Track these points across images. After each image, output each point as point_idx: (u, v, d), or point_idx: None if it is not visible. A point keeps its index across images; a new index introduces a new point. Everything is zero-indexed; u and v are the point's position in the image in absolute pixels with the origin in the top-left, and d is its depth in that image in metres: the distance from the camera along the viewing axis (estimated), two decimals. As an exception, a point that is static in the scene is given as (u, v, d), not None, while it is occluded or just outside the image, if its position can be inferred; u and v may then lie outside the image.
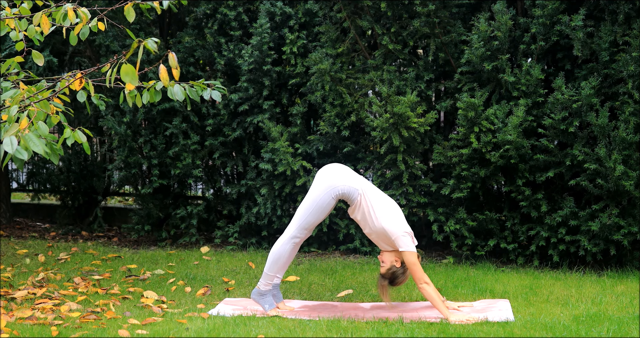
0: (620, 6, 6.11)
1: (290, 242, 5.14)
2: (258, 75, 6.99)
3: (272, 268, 5.20)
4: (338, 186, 5.03)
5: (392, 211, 5.05)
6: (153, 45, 3.92)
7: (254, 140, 7.31)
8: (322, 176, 5.12)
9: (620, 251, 6.24)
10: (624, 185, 5.93)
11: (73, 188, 8.05)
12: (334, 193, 5.04)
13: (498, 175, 6.36)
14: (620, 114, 6.06)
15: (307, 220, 5.09)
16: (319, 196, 5.06)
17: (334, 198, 5.04)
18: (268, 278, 5.22)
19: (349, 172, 5.16)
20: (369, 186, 5.10)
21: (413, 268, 4.95)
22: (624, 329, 4.60)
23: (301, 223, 5.11)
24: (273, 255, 5.18)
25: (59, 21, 4.13)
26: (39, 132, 3.66)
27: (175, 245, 7.37)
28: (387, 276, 5.09)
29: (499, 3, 6.28)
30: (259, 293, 5.22)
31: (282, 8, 6.99)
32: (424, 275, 4.95)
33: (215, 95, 4.28)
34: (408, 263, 4.97)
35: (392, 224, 4.98)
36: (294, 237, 5.13)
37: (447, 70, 6.72)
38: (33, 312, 4.97)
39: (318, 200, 5.06)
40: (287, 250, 5.15)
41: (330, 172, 5.14)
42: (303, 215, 5.10)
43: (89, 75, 4.26)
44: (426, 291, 4.92)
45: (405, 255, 4.97)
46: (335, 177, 5.07)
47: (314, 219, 5.09)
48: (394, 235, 4.96)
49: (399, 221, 5.02)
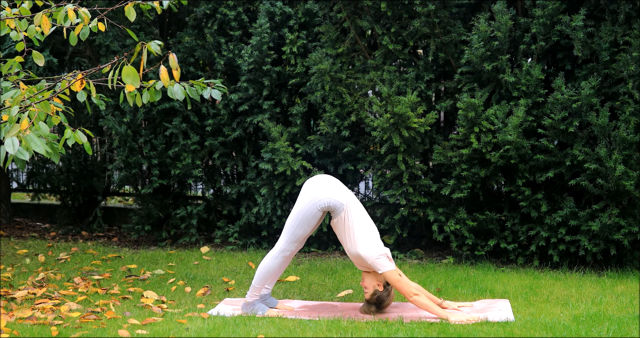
0: (620, 6, 6.11)
1: (280, 256, 5.07)
2: (258, 75, 6.99)
3: (261, 281, 5.12)
4: (323, 199, 4.97)
5: (369, 233, 5.01)
6: (156, 48, 3.92)
7: (254, 140, 7.31)
8: (308, 188, 5.06)
9: (620, 251, 6.24)
10: (624, 185, 5.93)
11: (73, 188, 8.05)
12: (319, 205, 4.97)
13: (498, 176, 6.36)
14: (620, 113, 6.06)
15: (294, 232, 5.03)
16: (305, 208, 5.00)
17: (319, 210, 4.98)
18: (255, 291, 5.14)
19: (335, 185, 5.08)
20: (353, 202, 5.04)
21: (398, 285, 4.93)
22: (624, 329, 4.60)
23: (289, 236, 5.04)
24: (262, 269, 5.10)
25: (59, 21, 4.13)
26: (40, 132, 3.66)
27: (175, 245, 7.37)
28: (373, 301, 5.06)
29: (499, 3, 6.28)
30: (246, 305, 5.15)
31: (281, 8, 6.99)
32: (411, 288, 4.94)
33: (215, 94, 4.27)
34: (392, 282, 4.95)
35: (367, 249, 4.95)
36: (284, 250, 5.07)
37: (447, 70, 6.72)
38: (33, 312, 4.97)
39: (304, 212, 4.99)
40: (277, 264, 5.09)
41: (316, 184, 5.07)
42: (291, 228, 5.04)
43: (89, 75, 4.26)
44: (418, 302, 4.92)
45: (386, 275, 4.95)
46: (321, 190, 5.01)
47: (301, 231, 5.02)
48: (369, 260, 4.94)
49: (374, 244, 4.98)
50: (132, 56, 3.93)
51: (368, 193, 7.69)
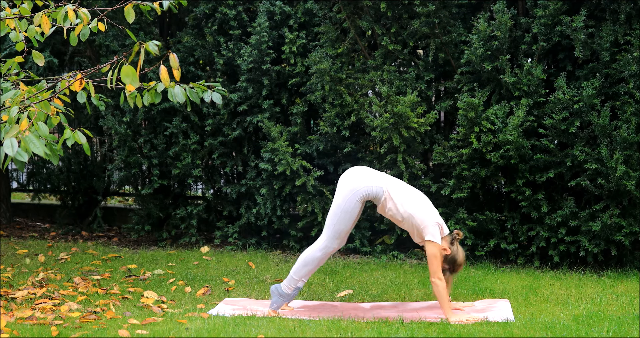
0: (621, 6, 6.10)
1: (322, 252, 5.05)
2: (257, 74, 6.98)
3: (299, 272, 5.11)
4: (360, 188, 4.97)
5: (420, 201, 5.02)
6: (154, 48, 3.92)
7: (254, 140, 7.30)
8: (344, 181, 5.05)
9: (620, 251, 6.24)
10: (625, 185, 5.93)
11: (73, 188, 8.05)
12: (358, 196, 4.96)
13: (498, 176, 6.36)
14: (621, 113, 6.06)
15: (335, 228, 5.01)
16: (343, 202, 4.98)
17: (358, 200, 4.97)
18: (292, 282, 5.13)
19: (369, 173, 5.09)
20: (392, 182, 5.04)
21: (432, 260, 4.91)
22: (624, 329, 4.60)
23: (331, 232, 5.02)
24: (302, 260, 5.09)
25: (59, 22, 4.12)
26: (39, 133, 3.66)
27: (175, 245, 7.37)
28: (446, 266, 5.05)
29: (499, 3, 6.27)
30: (278, 293, 5.13)
31: (281, 7, 6.99)
32: (439, 271, 4.92)
33: (215, 98, 4.25)
34: (429, 253, 4.92)
35: (420, 212, 4.95)
36: (326, 247, 5.04)
37: (447, 70, 6.71)
38: (33, 312, 4.97)
39: (343, 205, 4.98)
40: (317, 258, 5.07)
41: (351, 176, 5.07)
42: (331, 224, 5.02)
43: (89, 75, 4.25)
44: (436, 287, 4.90)
45: (428, 244, 4.93)
46: (357, 180, 5.00)
47: (342, 226, 5.00)
48: (423, 224, 4.93)
49: (427, 211, 4.99)
50: (130, 56, 3.92)
51: (368, 193, 7.68)
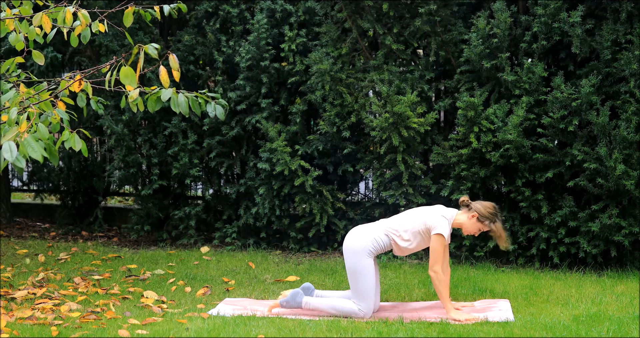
0: (622, 5, 6.10)
1: (355, 307, 5.02)
2: (256, 72, 6.97)
3: (321, 306, 5.06)
4: (364, 248, 5.00)
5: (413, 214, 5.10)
6: (153, 51, 3.92)
7: (253, 140, 7.30)
8: (346, 248, 5.06)
9: (620, 251, 6.23)
10: (624, 184, 5.92)
11: (73, 188, 8.05)
12: (364, 254, 5.00)
13: (498, 175, 6.36)
14: (621, 113, 6.06)
15: (359, 291, 5.01)
16: (354, 265, 5.01)
17: (368, 257, 5.01)
18: (311, 307, 5.09)
19: (366, 229, 5.11)
20: (392, 222, 5.10)
21: (433, 254, 4.94)
22: (624, 329, 4.60)
23: (358, 296, 5.01)
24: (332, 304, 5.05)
25: (59, 23, 4.12)
26: (39, 134, 3.65)
27: (175, 245, 7.37)
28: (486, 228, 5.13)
29: (499, 2, 6.27)
30: (295, 301, 5.10)
31: (282, 5, 6.98)
32: (440, 264, 4.94)
33: (219, 113, 4.24)
34: (433, 246, 4.96)
35: (418, 222, 5.03)
36: (359, 310, 5.00)
37: (447, 69, 6.71)
38: (33, 312, 4.97)
39: (356, 268, 5.01)
40: (346, 311, 5.02)
41: (350, 240, 5.08)
42: (355, 289, 5.03)
43: (88, 76, 4.25)
44: (435, 279, 4.93)
45: (434, 238, 4.95)
46: (357, 242, 5.03)
47: (365, 287, 5.00)
48: (432, 218, 4.98)
49: (423, 215, 5.06)
50: (129, 57, 3.93)
51: (368, 193, 7.69)
